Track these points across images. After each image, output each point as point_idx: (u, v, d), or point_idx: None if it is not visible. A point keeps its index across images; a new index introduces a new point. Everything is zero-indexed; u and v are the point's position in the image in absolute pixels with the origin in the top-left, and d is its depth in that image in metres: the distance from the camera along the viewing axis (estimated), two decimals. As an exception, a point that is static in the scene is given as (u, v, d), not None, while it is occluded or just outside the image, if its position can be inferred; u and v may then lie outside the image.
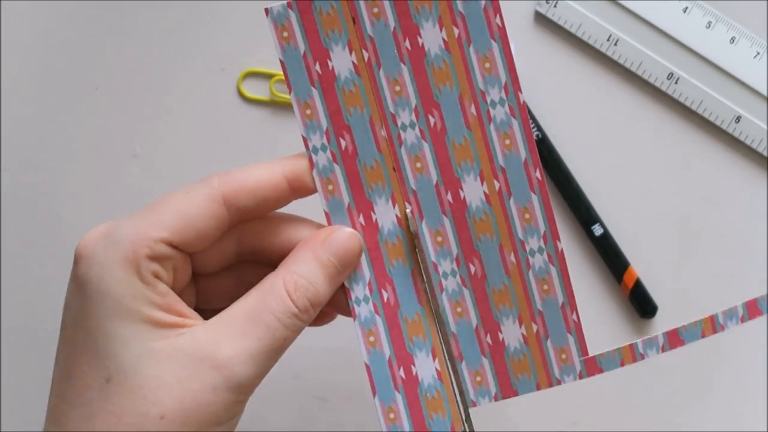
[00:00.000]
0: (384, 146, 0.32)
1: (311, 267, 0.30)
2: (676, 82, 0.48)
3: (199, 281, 0.33)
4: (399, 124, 0.32)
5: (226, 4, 0.48)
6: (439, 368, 0.33)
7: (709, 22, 0.47)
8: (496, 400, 0.34)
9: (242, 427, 0.48)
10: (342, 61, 0.32)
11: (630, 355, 0.34)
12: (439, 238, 0.33)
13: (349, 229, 0.32)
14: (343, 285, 0.32)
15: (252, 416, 0.48)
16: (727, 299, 0.48)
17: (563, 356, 0.33)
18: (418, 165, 0.32)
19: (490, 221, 0.33)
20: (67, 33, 0.47)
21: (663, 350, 0.34)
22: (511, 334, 0.33)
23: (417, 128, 0.32)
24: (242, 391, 0.29)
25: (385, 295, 0.33)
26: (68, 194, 0.48)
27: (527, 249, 0.33)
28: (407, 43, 0.32)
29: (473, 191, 0.33)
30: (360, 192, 0.32)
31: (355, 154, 0.32)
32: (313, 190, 0.32)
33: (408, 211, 0.32)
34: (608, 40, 0.47)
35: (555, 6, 0.47)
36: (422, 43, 0.32)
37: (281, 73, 0.32)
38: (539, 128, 0.47)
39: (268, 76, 0.46)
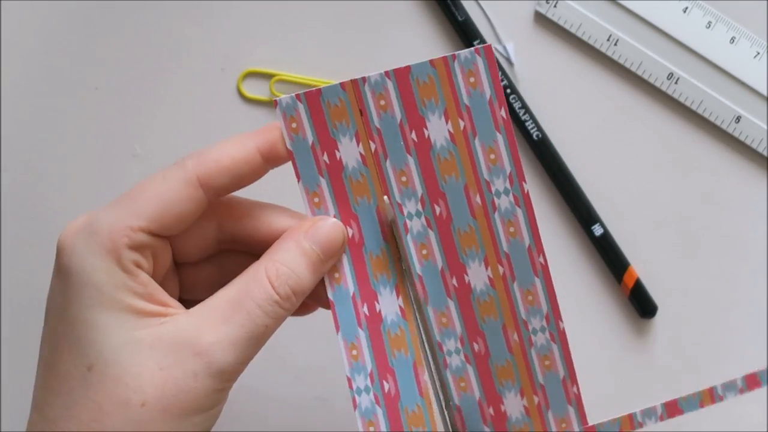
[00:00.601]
0: (389, 236, 0.33)
1: (294, 255, 0.31)
2: (676, 82, 0.48)
3: (181, 271, 0.33)
4: (405, 213, 0.33)
5: (226, 4, 0.47)
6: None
7: (709, 22, 0.47)
8: None
9: (242, 427, 0.48)
10: (350, 152, 0.32)
11: (629, 423, 0.35)
12: (444, 319, 0.34)
13: (333, 220, 0.32)
14: (323, 278, 0.32)
15: (252, 416, 0.48)
16: (727, 299, 0.49)
17: (563, 425, 0.35)
18: (424, 252, 0.33)
19: (494, 303, 0.34)
20: (67, 33, 0.47)
21: (661, 419, 0.35)
22: (514, 405, 0.35)
23: (423, 217, 0.33)
24: (224, 377, 0.29)
25: (386, 386, 0.33)
26: (68, 194, 0.48)
27: (530, 328, 0.34)
28: (413, 135, 0.32)
29: (478, 276, 0.34)
30: (365, 281, 0.33)
31: (361, 243, 0.33)
32: (286, 159, 0.32)
33: (386, 198, 0.33)
34: (608, 40, 0.47)
35: (555, 6, 0.47)
36: (428, 135, 0.32)
37: (282, 73, 0.33)
38: (539, 128, 0.47)
39: (268, 76, 0.46)
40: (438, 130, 0.32)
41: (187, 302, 0.32)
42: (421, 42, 0.48)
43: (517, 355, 0.34)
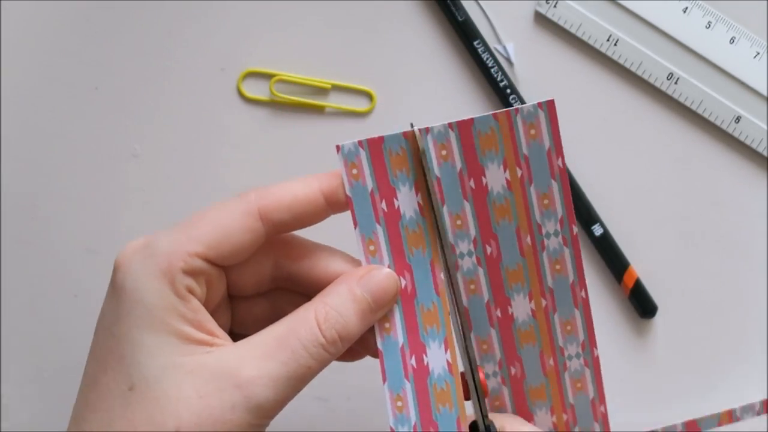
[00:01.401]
0: (441, 289, 0.33)
1: (344, 301, 0.31)
2: (676, 82, 0.48)
3: (234, 304, 0.34)
4: (457, 252, 0.34)
5: (226, 4, 0.47)
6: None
7: (709, 22, 0.47)
8: None
9: (242, 427, 0.48)
10: (408, 201, 0.33)
11: None
12: (485, 346, 0.35)
13: (388, 270, 0.32)
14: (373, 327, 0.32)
15: (252, 416, 0.48)
16: (727, 299, 0.49)
17: None
18: (472, 287, 0.34)
19: (534, 331, 0.35)
20: (67, 33, 0.47)
21: None
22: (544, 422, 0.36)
23: (474, 256, 0.34)
24: (260, 413, 0.29)
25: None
26: (68, 194, 0.48)
27: (566, 354, 0.35)
28: (472, 183, 0.33)
29: (521, 308, 0.35)
30: (415, 333, 0.33)
31: (413, 295, 0.33)
32: (347, 206, 0.32)
33: (416, 128, 0.33)
34: (608, 40, 0.47)
35: (555, 6, 0.47)
36: (486, 183, 0.33)
37: (282, 73, 0.33)
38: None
39: (268, 76, 0.46)
40: (496, 178, 0.33)
41: (237, 336, 0.32)
42: (421, 42, 0.48)
43: (551, 378, 0.36)
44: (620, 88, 0.48)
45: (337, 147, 0.32)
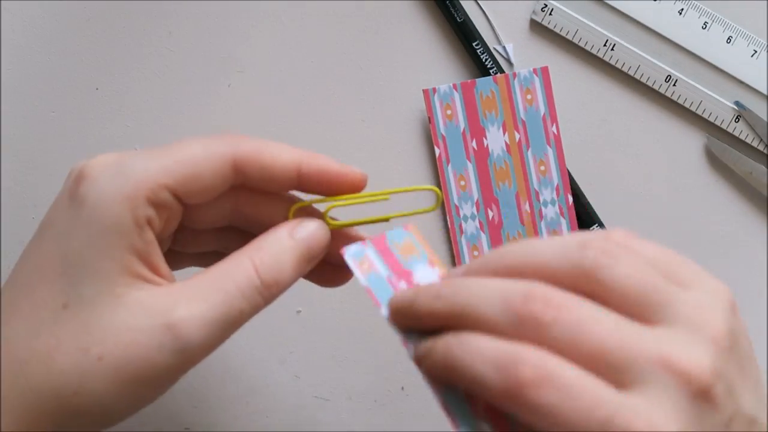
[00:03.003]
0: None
1: (279, 248, 0.31)
2: (674, 84, 0.48)
3: (181, 231, 0.33)
4: (461, 215, 0.35)
5: (226, 4, 0.48)
6: None
7: (706, 23, 0.48)
8: None
9: (242, 426, 0.47)
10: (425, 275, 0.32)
11: None
12: None
13: (319, 221, 0.32)
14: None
15: (252, 416, 0.48)
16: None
17: None
18: (476, 254, 0.35)
19: None
20: (68, 33, 0.48)
21: None
22: None
23: (477, 220, 0.35)
24: (186, 357, 0.29)
25: None
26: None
27: None
28: (474, 143, 0.34)
29: None
30: None
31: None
32: (317, 191, 0.32)
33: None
34: (605, 45, 0.47)
35: (550, 14, 0.47)
36: (487, 144, 0.35)
37: (332, 198, 0.33)
38: (538, 129, 0.47)
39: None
40: (496, 140, 0.34)
41: (172, 252, 0.32)
42: (420, 42, 0.48)
43: None
44: (619, 93, 0.48)
45: (343, 250, 0.31)
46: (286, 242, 0.31)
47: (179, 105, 0.48)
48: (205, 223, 0.33)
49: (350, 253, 0.32)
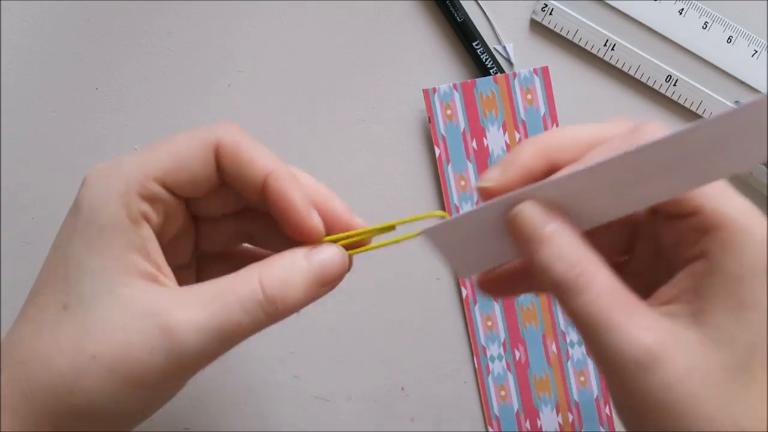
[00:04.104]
0: None
1: (291, 268, 0.30)
2: (674, 84, 0.48)
3: (201, 225, 0.33)
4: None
5: (226, 4, 0.48)
6: None
7: (706, 23, 0.48)
8: None
9: (242, 426, 0.47)
10: None
11: None
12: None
13: (337, 246, 0.31)
14: None
15: (252, 416, 0.48)
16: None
17: None
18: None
19: (534, 311, 0.36)
20: (68, 33, 0.48)
21: None
22: None
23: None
24: (179, 361, 0.28)
25: None
26: (68, 194, 0.47)
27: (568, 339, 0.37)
28: (474, 143, 0.35)
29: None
30: None
31: None
32: (272, 213, 0.31)
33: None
34: (605, 45, 0.48)
35: (550, 14, 0.47)
36: (487, 144, 0.35)
37: (342, 234, 0.32)
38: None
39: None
40: (496, 140, 0.34)
41: (207, 254, 0.32)
42: (420, 42, 0.48)
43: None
44: (619, 93, 0.49)
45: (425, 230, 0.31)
46: (299, 262, 0.30)
47: (179, 105, 0.48)
48: (215, 209, 0.32)
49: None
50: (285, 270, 0.30)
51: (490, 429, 0.39)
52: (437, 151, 0.33)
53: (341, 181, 0.47)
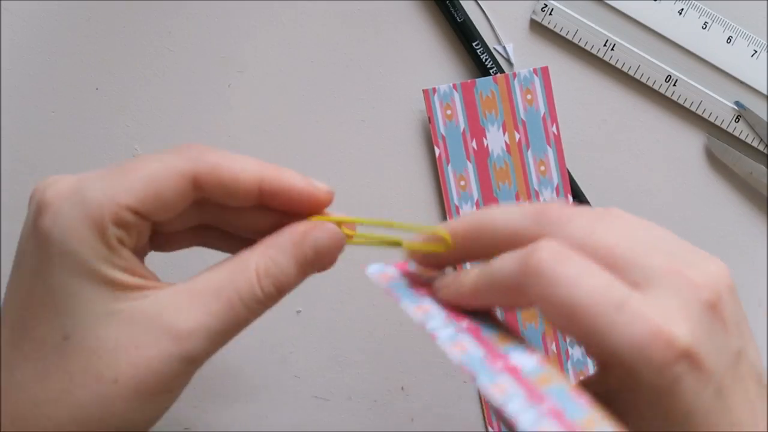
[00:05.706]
0: None
1: (286, 253, 0.30)
2: (674, 84, 0.48)
3: (157, 236, 0.33)
4: (461, 214, 0.34)
5: (226, 4, 0.48)
6: None
7: (706, 23, 0.48)
8: None
9: (242, 427, 0.47)
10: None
11: None
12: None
13: (331, 225, 0.31)
14: None
15: (252, 416, 0.48)
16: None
17: None
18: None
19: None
20: (68, 33, 0.48)
21: None
22: None
23: None
24: (194, 363, 0.29)
25: None
26: (68, 194, 0.47)
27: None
28: (474, 143, 0.35)
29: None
30: None
31: None
32: (280, 209, 0.31)
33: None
34: (605, 45, 0.48)
35: (550, 14, 0.47)
36: (487, 144, 0.35)
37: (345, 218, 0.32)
38: (538, 129, 0.47)
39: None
40: (496, 140, 0.34)
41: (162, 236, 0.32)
42: (420, 42, 0.48)
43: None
44: (619, 93, 0.49)
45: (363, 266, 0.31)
46: (295, 246, 0.30)
47: (179, 105, 0.48)
48: (176, 227, 0.32)
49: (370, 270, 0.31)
50: (281, 258, 0.30)
51: (490, 429, 0.39)
52: (437, 151, 0.33)
53: (341, 181, 0.47)
